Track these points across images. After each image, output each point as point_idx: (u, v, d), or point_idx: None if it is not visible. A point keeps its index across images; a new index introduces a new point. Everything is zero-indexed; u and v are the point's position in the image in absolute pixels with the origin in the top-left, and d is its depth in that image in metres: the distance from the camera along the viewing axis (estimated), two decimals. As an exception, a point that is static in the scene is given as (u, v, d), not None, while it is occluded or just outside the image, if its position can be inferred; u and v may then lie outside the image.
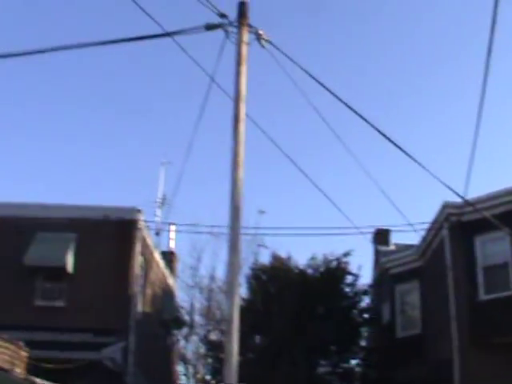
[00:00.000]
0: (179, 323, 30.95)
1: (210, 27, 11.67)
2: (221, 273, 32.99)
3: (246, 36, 11.69)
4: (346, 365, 30.80)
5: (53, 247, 25.51)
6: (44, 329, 23.94)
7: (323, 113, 13.36)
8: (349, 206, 19.92)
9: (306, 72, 11.92)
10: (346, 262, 30.67)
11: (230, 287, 10.90)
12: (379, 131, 12.48)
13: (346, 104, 12.19)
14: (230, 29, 11.78)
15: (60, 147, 63.63)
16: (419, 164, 13.30)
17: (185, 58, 12.23)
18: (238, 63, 11.51)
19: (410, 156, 13.07)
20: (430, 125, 65.66)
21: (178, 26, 11.95)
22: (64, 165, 62.67)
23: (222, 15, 11.67)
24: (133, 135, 64.19)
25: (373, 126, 12.40)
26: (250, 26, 11.76)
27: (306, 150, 56.22)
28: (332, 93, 12.17)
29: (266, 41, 11.89)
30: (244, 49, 11.59)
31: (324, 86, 12.03)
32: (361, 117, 12.26)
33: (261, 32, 11.84)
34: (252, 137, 12.28)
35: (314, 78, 11.96)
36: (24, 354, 16.03)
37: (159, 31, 11.74)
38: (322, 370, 30.03)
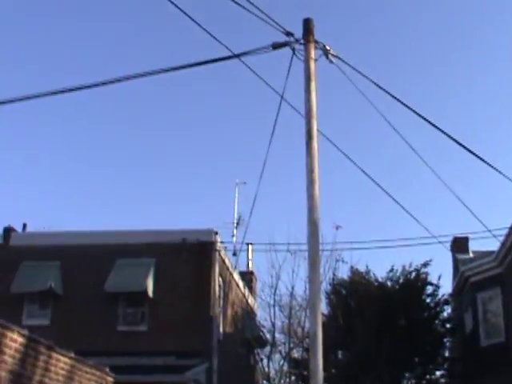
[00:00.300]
0: (261, 342, 30.96)
1: (277, 46, 11.70)
2: (300, 290, 32.91)
3: (314, 52, 11.70)
4: (430, 376, 30.40)
5: (133, 273, 25.87)
6: (127, 353, 24.20)
7: (392, 121, 13.31)
8: (426, 215, 19.79)
9: (378, 86, 11.89)
10: (426, 273, 30.36)
11: (311, 303, 10.86)
12: (454, 139, 12.36)
13: (418, 114, 12.11)
14: (297, 46, 11.80)
15: (135, 174, 64.45)
16: (496, 169, 13.13)
17: (251, 76, 12.29)
18: (308, 79, 11.50)
19: (485, 162, 12.90)
20: (507, 128, 64.65)
21: (242, 46, 12.06)
22: (140, 190, 63.45)
23: (288, 33, 11.70)
24: (207, 157, 64.68)
25: (448, 134, 12.29)
26: (316, 41, 11.77)
27: (379, 162, 55.96)
28: (404, 103, 12.11)
29: (334, 56, 11.89)
30: (312, 65, 11.59)
31: (396, 99, 11.99)
32: (436, 127, 12.16)
33: (328, 47, 11.84)
34: (325, 152, 12.27)
35: (386, 91, 11.92)
36: (110, 379, 16.21)
37: (226, 52, 11.83)
38: (406, 382, 29.72)
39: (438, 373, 30.93)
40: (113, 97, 63.13)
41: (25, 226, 29.90)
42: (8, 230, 28.24)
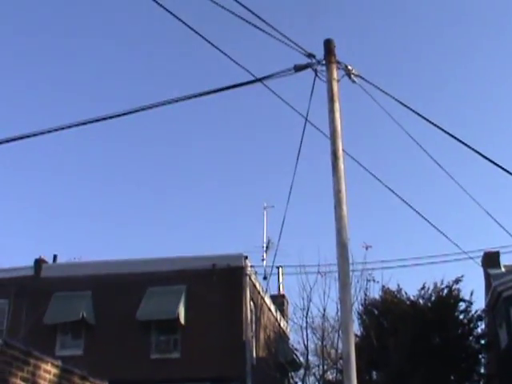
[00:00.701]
0: (295, 365, 30.81)
1: (299, 68, 11.72)
2: (332, 311, 32.70)
3: (336, 73, 11.70)
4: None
5: (164, 300, 25.94)
6: (161, 381, 24.30)
7: (418, 139, 13.28)
8: (455, 231, 19.65)
9: (402, 103, 11.87)
10: (458, 289, 30.10)
11: (343, 324, 10.80)
12: (483, 155, 12.27)
13: (443, 130, 12.06)
14: (319, 67, 11.81)
15: (164, 201, 64.65)
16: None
17: (270, 99, 12.35)
18: (331, 101, 11.49)
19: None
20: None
21: (260, 69, 12.09)
22: (169, 217, 63.59)
23: (310, 55, 11.72)
24: (234, 182, 64.77)
25: (473, 149, 12.22)
26: (338, 62, 11.78)
27: (405, 179, 55.79)
28: (427, 119, 12.08)
29: (356, 75, 11.89)
30: (335, 86, 11.58)
31: (420, 115, 11.95)
32: (462, 142, 12.09)
33: (350, 67, 11.85)
34: (351, 171, 12.25)
35: (410, 108, 11.89)
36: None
37: (245, 76, 11.87)
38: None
39: (474, 390, 30.62)
40: (140, 122, 63.52)
41: (55, 257, 30.11)
42: (39, 262, 28.45)
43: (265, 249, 31.17)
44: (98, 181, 64.08)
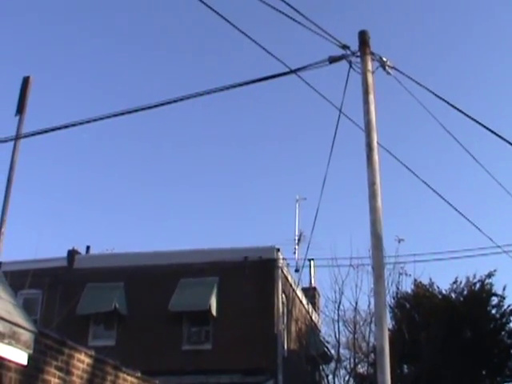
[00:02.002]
0: (326, 358, 30.76)
1: (333, 60, 11.67)
2: (364, 304, 32.59)
3: (370, 64, 11.65)
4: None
5: (196, 292, 26.02)
6: (193, 372, 24.35)
7: (453, 132, 13.21)
8: (488, 224, 19.47)
9: (437, 96, 11.80)
10: (490, 283, 29.93)
11: (377, 316, 10.76)
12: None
13: (478, 122, 11.97)
14: (353, 59, 11.75)
15: (197, 193, 64.77)
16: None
17: (306, 91, 12.30)
18: (366, 92, 11.43)
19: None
20: None
21: (293, 61, 12.06)
22: (202, 209, 63.70)
23: (344, 46, 11.66)
24: (267, 174, 64.69)
25: (507, 140, 12.12)
26: (372, 53, 11.72)
27: (439, 171, 55.47)
28: (460, 110, 12.00)
29: (390, 67, 11.82)
30: (370, 77, 11.52)
31: (454, 107, 11.88)
32: (495, 133, 12.01)
33: (384, 59, 11.78)
34: (385, 164, 12.20)
35: (445, 100, 11.83)
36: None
37: (280, 68, 11.86)
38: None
39: (506, 385, 30.45)
40: (170, 116, 63.58)
41: (88, 248, 30.32)
42: (72, 253, 28.65)
43: (297, 241, 31.16)
44: (132, 173, 64.42)
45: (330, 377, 29.85)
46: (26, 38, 64.40)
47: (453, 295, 29.93)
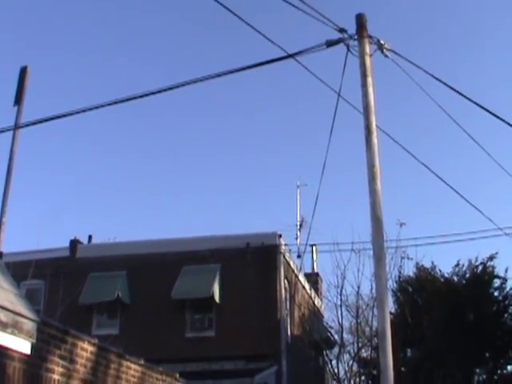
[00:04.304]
0: (329, 343, 30.81)
1: (331, 44, 11.64)
2: (366, 289, 32.60)
3: (368, 47, 11.62)
4: (502, 371, 29.99)
5: (199, 279, 26.08)
6: (196, 359, 24.41)
7: (451, 113, 13.21)
8: (490, 206, 19.46)
9: (436, 78, 11.79)
10: (492, 266, 29.94)
11: (379, 300, 10.77)
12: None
13: (480, 106, 11.96)
14: (351, 42, 11.72)
15: (198, 180, 64.74)
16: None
17: (304, 75, 12.27)
18: (364, 75, 11.42)
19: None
20: None
21: (291, 45, 12.03)
22: (203, 197, 63.70)
23: (342, 30, 11.63)
24: (267, 161, 64.65)
25: (508, 122, 12.11)
26: (370, 36, 11.69)
27: (439, 153, 55.41)
28: (459, 92, 11.99)
29: (388, 50, 11.80)
30: (367, 60, 11.50)
31: (453, 89, 11.87)
32: (495, 116, 12.00)
33: (382, 42, 11.76)
34: (384, 147, 12.18)
35: (444, 83, 11.82)
36: (181, 384, 16.32)
37: (279, 53, 11.83)
38: (477, 378, 29.35)
39: (509, 367, 30.51)
40: (171, 104, 63.51)
41: (90, 237, 30.32)
42: (74, 243, 28.68)
43: (298, 227, 31.15)
44: (133, 162, 64.34)
45: (334, 362, 29.91)
46: (23, 28, 64.26)
47: (455, 278, 29.95)
